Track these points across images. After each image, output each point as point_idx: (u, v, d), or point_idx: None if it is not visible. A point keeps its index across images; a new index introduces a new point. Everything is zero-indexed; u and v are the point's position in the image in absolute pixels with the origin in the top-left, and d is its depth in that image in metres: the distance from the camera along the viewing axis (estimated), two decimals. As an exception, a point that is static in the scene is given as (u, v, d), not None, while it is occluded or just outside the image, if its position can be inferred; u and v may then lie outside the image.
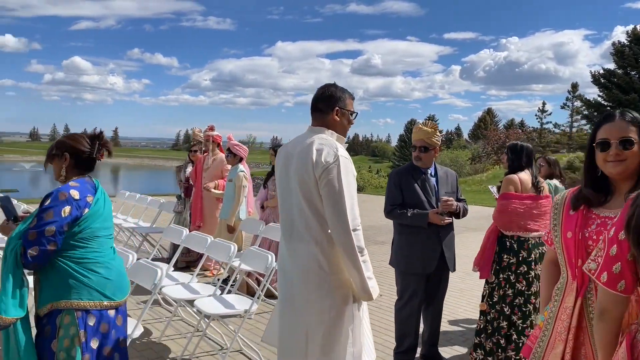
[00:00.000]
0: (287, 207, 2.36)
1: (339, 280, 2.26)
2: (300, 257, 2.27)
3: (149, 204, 7.51)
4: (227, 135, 5.99)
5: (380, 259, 7.69)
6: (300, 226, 2.26)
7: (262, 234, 5.20)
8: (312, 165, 2.19)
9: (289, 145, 2.42)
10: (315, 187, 2.20)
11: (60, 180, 2.39)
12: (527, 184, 3.58)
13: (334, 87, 2.44)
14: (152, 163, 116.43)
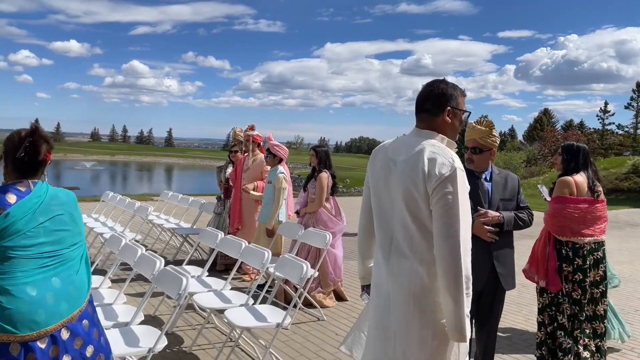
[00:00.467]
0: (385, 218, 2.09)
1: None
2: (401, 276, 1.99)
3: (191, 205, 7.43)
4: (267, 135, 5.77)
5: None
6: (403, 242, 2.00)
7: (301, 239, 4.93)
8: (423, 176, 1.92)
9: (389, 150, 2.12)
10: (424, 201, 1.93)
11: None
12: (583, 187, 3.44)
13: (444, 84, 2.12)
14: (203, 163, 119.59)
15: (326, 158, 5.20)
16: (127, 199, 7.11)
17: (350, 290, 5.69)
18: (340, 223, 5.19)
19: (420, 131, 2.09)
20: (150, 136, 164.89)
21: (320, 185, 5.05)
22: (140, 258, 3.59)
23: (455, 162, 1.94)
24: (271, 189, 5.45)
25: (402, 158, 2.03)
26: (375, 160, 2.17)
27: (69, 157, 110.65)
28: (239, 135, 6.72)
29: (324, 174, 5.09)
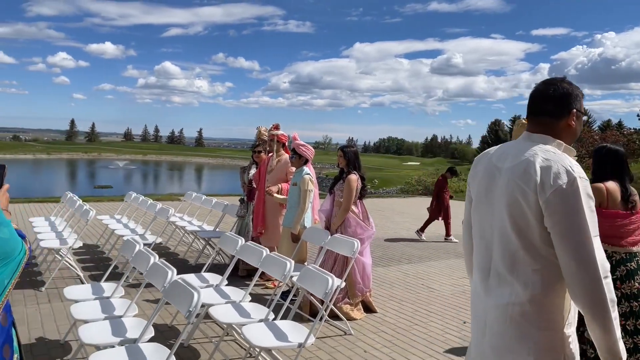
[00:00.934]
0: (484, 234, 1.85)
1: (551, 340, 1.69)
2: (499, 301, 1.76)
3: (214, 207, 7.19)
4: (292, 135, 5.45)
5: (462, 275, 6.78)
6: (502, 262, 1.76)
7: (328, 245, 4.58)
8: (534, 186, 1.67)
9: (494, 157, 1.88)
10: (535, 214, 1.68)
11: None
12: (616, 196, 3.06)
13: (567, 83, 1.85)
14: (232, 163, 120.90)
15: (355, 159, 4.84)
16: (149, 200, 6.91)
17: (380, 301, 5.31)
18: (369, 229, 4.81)
19: (532, 135, 1.82)
20: (181, 136, 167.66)
21: (349, 188, 4.69)
22: (152, 267, 3.32)
23: (576, 171, 1.67)
24: (296, 192, 5.12)
25: (509, 165, 1.77)
26: (477, 168, 1.94)
27: (103, 157, 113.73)
28: (263, 134, 6.42)
29: (352, 176, 4.73)
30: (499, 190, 1.77)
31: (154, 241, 5.87)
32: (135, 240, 3.93)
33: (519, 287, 1.70)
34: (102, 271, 6.00)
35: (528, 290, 1.69)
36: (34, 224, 6.59)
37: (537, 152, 1.73)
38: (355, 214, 4.79)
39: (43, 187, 51.58)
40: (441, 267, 7.25)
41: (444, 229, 9.81)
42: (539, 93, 1.85)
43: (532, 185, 1.67)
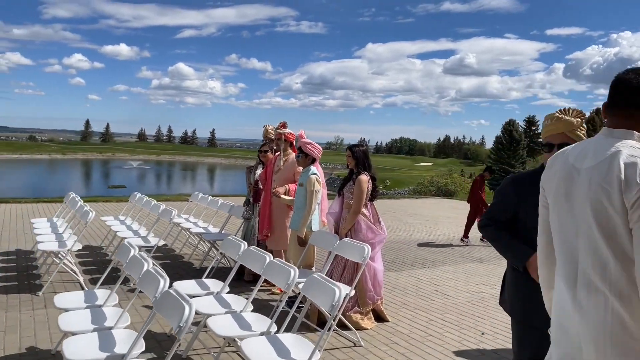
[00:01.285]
0: (567, 241, 1.70)
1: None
2: (594, 313, 1.60)
3: (220, 208, 6.95)
4: (298, 132, 5.17)
5: (479, 281, 6.44)
6: (592, 270, 1.60)
7: (337, 250, 4.30)
8: (618, 185, 1.52)
9: (570, 155, 1.72)
10: (622, 217, 1.52)
11: None
12: None
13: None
14: (244, 163, 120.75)
15: (364, 158, 4.55)
16: (153, 201, 6.69)
17: (391, 309, 5.01)
18: (380, 233, 4.52)
19: (612, 131, 1.64)
20: (194, 137, 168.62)
21: (359, 189, 4.41)
22: (145, 275, 3.07)
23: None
24: (303, 193, 4.85)
25: (589, 164, 1.60)
26: (552, 169, 1.77)
27: (117, 157, 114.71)
28: (270, 133, 6.16)
29: (363, 177, 4.44)
30: (580, 193, 1.60)
31: (156, 244, 5.64)
32: (130, 243, 3.69)
33: (614, 298, 1.53)
34: (102, 273, 5.80)
35: (624, 300, 1.51)
36: (35, 225, 6.41)
37: (621, 148, 1.54)
38: (365, 216, 4.51)
39: (57, 187, 52.08)
40: (457, 272, 6.92)
41: (463, 229, 9.48)
42: (626, 83, 1.65)
43: (617, 185, 1.49)
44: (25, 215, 9.88)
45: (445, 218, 12.81)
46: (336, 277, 4.44)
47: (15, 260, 6.27)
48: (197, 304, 3.38)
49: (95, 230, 8.31)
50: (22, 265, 6.04)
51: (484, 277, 6.67)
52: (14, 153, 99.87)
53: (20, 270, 5.82)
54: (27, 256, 6.53)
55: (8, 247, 7.03)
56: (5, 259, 6.34)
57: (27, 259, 6.37)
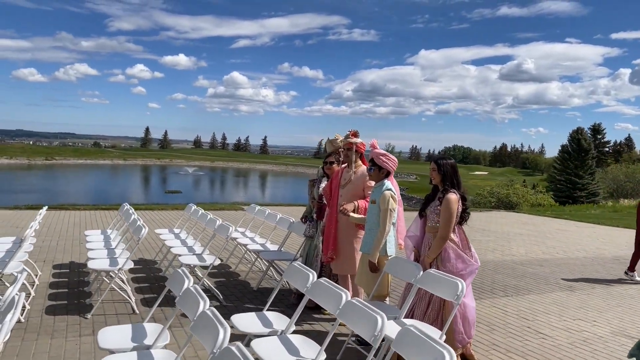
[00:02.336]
0: None
1: None
2: None
3: (279, 223, 6.40)
4: (370, 142, 4.54)
5: (575, 315, 5.46)
6: None
7: (420, 283, 3.61)
8: None
9: None
10: None
11: None
12: None
13: None
14: (295, 170, 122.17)
15: (453, 173, 3.84)
16: (209, 215, 6.25)
17: (480, 350, 4.25)
18: (472, 262, 3.80)
19: None
20: (246, 143, 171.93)
21: (448, 211, 3.70)
22: (185, 293, 2.58)
23: None
24: (375, 211, 4.20)
25: None
26: None
27: (174, 163, 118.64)
28: (338, 143, 5.57)
29: (452, 196, 3.74)
30: None
31: (211, 263, 5.16)
32: (185, 273, 3.17)
33: None
34: (156, 294, 5.39)
35: None
36: (88, 237, 6.12)
37: None
38: (454, 243, 3.79)
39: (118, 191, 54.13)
40: (546, 302, 6.02)
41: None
42: None
43: None
44: (82, 224, 9.80)
45: (517, 235, 11.73)
46: (419, 315, 3.76)
47: (68, 275, 5.99)
48: (258, 347, 2.83)
49: (150, 242, 8.01)
50: (73, 281, 5.74)
51: (580, 311, 5.73)
52: (79, 158, 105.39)
53: (71, 287, 5.51)
54: (80, 270, 6.25)
55: (62, 259, 6.82)
56: (58, 272, 6.08)
57: (80, 274, 6.08)
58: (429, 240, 3.88)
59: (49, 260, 6.62)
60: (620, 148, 76.90)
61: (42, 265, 6.32)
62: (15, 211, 11.31)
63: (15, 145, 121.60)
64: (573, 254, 9.67)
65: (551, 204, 31.65)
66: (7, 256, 4.81)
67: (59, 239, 8.14)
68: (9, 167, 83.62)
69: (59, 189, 52.55)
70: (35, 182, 60.06)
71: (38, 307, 4.76)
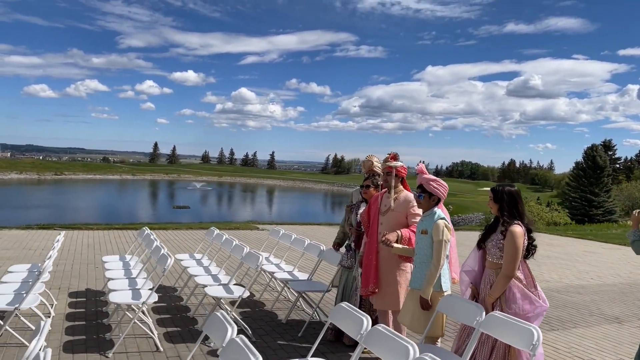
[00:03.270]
0: None
1: None
2: None
3: (307, 249, 6.03)
4: (417, 166, 4.19)
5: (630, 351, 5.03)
6: None
7: (484, 327, 3.22)
8: None
9: None
10: None
11: None
12: None
13: None
14: (302, 185, 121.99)
15: (513, 203, 3.47)
16: (235, 241, 5.89)
17: (543, 399, 3.83)
18: (540, 303, 3.40)
19: None
20: (254, 159, 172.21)
21: (514, 246, 3.33)
22: (212, 319, 2.24)
23: None
24: (427, 242, 3.84)
25: None
26: None
27: (182, 178, 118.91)
28: (375, 165, 5.24)
29: (517, 229, 3.36)
30: None
31: (240, 296, 4.79)
32: (225, 317, 2.81)
33: None
34: (179, 327, 5.03)
35: None
36: (106, 265, 5.78)
37: None
38: (519, 281, 3.41)
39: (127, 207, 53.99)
40: (596, 337, 5.58)
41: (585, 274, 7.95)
42: None
43: None
44: (96, 246, 9.49)
45: (545, 258, 11.26)
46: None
47: (85, 304, 5.64)
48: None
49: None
50: (91, 312, 5.39)
51: (634, 347, 5.28)
52: (88, 173, 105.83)
53: (89, 318, 5.15)
54: (97, 299, 5.90)
55: (78, 285, 6.47)
56: (74, 302, 5.73)
57: (97, 303, 5.73)
58: (490, 277, 3.50)
59: (64, 288, 6.28)
60: (631, 164, 75.82)
61: (57, 293, 5.97)
62: (27, 231, 11.03)
63: (25, 160, 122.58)
64: (608, 279, 9.21)
65: (567, 222, 31.02)
66: (23, 287, 4.48)
67: (73, 263, 7.82)
68: (19, 182, 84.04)
69: (68, 204, 52.52)
70: (45, 197, 60.13)
71: (55, 342, 4.41)
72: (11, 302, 4.05)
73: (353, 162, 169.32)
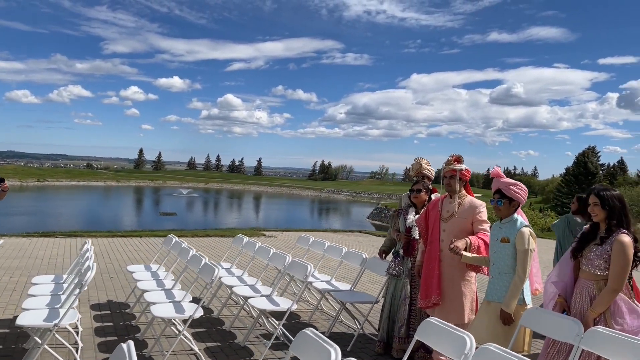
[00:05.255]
0: None
1: None
2: None
3: (346, 257, 5.70)
4: (492, 170, 3.91)
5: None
6: None
7: (586, 344, 2.93)
8: None
9: None
10: None
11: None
12: None
13: None
14: (290, 192, 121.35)
15: (622, 209, 3.20)
16: (272, 250, 5.55)
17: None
18: (645, 317, 3.13)
19: None
20: (241, 165, 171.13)
21: (624, 258, 3.05)
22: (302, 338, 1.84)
23: None
24: (509, 251, 3.56)
25: None
26: None
27: (168, 184, 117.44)
28: (424, 168, 4.99)
29: (626, 238, 3.07)
30: None
31: (289, 308, 4.46)
32: (322, 338, 2.49)
33: None
34: (218, 342, 4.67)
35: None
36: (135, 275, 5.38)
37: None
38: (624, 293, 3.14)
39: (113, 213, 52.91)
40: None
41: None
42: None
43: None
44: (105, 254, 9.03)
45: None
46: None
47: (111, 318, 5.24)
48: None
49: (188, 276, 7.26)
50: (120, 326, 4.99)
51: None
52: (72, 180, 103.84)
53: (119, 333, 4.76)
54: (122, 311, 5.49)
55: (98, 297, 6.05)
56: (99, 315, 5.32)
57: (123, 316, 5.32)
58: (588, 289, 3.21)
59: (84, 300, 5.85)
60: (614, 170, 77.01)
61: (79, 305, 5.55)
62: (28, 239, 10.50)
63: (7, 166, 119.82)
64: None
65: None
66: (55, 301, 4.07)
67: (85, 273, 7.36)
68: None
69: (53, 211, 51.29)
70: (29, 204, 58.67)
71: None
72: (47, 318, 3.65)
73: (340, 169, 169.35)
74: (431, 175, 4.97)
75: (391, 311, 4.67)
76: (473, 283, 4.21)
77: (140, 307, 5.38)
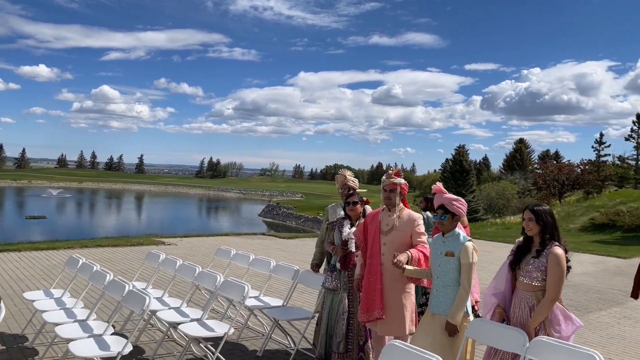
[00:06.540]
0: None
1: None
2: None
3: (275, 272, 5.51)
4: (434, 187, 4.02)
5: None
6: None
7: (533, 354, 3.13)
8: None
9: None
10: None
11: None
12: None
13: None
14: (175, 190, 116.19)
15: (554, 223, 3.47)
16: (198, 268, 5.16)
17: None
18: (578, 321, 3.44)
19: None
20: (120, 163, 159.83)
21: (560, 269, 3.31)
22: None
23: None
24: (454, 265, 3.69)
25: None
26: None
27: (34, 184, 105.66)
28: (348, 180, 5.02)
29: (559, 251, 3.35)
30: None
31: (226, 332, 4.17)
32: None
33: None
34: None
35: None
36: (37, 305, 4.64)
37: None
38: (559, 302, 3.41)
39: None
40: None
41: None
42: None
43: None
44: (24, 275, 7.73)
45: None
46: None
47: (8, 355, 4.47)
48: None
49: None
50: (21, 368, 4.28)
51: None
52: None
53: None
54: (20, 345, 4.72)
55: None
56: None
57: (23, 351, 4.58)
58: (527, 300, 3.44)
59: None
60: (480, 167, 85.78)
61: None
62: None
63: None
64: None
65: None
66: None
67: None
68: None
69: None
70: None
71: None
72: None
73: (230, 166, 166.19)
74: (356, 186, 5.05)
75: (328, 326, 4.62)
76: (412, 295, 4.31)
77: (44, 339, 4.69)
